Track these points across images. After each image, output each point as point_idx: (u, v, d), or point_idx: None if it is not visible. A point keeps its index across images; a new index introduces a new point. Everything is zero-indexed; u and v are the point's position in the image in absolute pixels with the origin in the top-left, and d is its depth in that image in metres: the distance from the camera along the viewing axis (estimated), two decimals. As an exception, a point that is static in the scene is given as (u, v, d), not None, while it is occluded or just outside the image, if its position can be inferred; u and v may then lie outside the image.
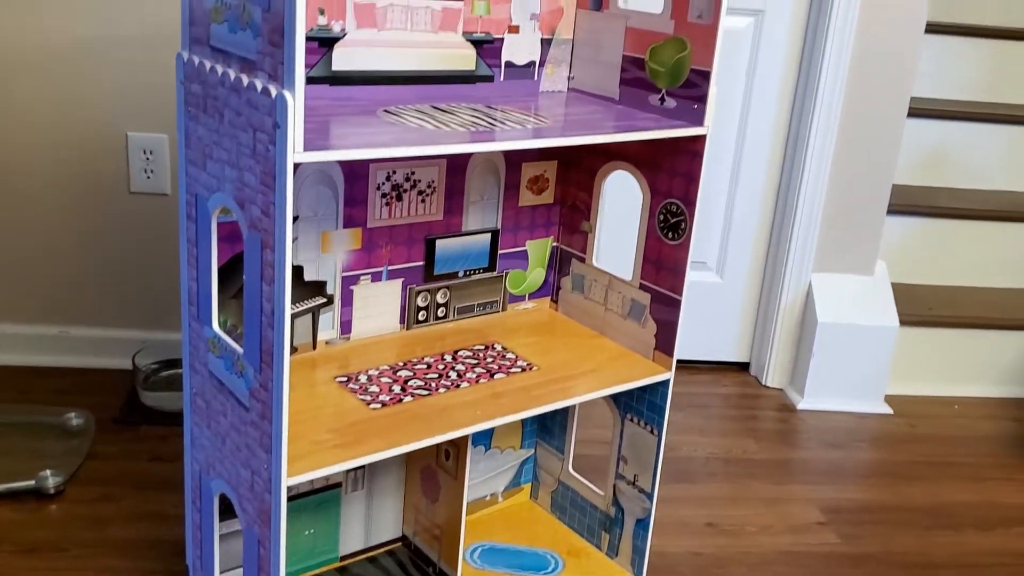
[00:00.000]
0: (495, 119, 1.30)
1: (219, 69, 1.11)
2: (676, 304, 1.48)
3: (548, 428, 1.79)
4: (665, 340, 1.51)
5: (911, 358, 2.48)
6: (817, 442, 2.22)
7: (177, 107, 1.22)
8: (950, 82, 2.97)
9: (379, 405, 1.31)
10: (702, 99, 1.37)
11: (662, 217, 1.49)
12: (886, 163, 2.35)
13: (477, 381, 1.41)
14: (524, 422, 1.79)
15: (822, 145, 2.29)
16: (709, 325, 2.52)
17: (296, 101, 0.99)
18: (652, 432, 1.56)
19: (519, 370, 1.46)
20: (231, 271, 1.33)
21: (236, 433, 1.21)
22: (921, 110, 2.77)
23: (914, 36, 2.23)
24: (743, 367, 2.59)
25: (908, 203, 2.64)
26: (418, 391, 1.36)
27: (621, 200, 1.93)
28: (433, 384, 1.39)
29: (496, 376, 1.43)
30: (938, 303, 2.55)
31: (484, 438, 1.75)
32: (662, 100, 1.43)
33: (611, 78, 1.52)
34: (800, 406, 2.39)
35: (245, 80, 1.05)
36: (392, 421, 1.27)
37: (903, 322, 2.42)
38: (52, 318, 2.24)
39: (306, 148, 1.01)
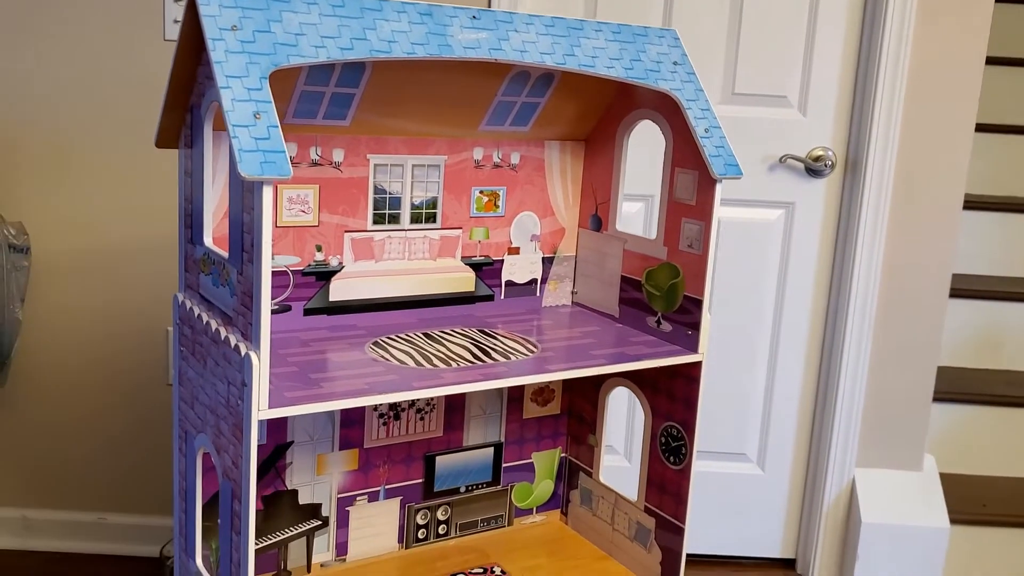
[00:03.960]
0: (485, 348, 1.31)
1: (204, 318, 1.15)
2: (680, 532, 1.43)
3: (561, 646, 1.72)
4: (670, 568, 1.45)
5: (968, 558, 2.32)
6: (864, 656, 2.07)
7: (173, 346, 1.27)
8: (1001, 259, 2.90)
9: (361, 642, 1.28)
10: (696, 326, 1.36)
11: (663, 440, 1.46)
12: (929, 349, 2.27)
13: (469, 613, 1.37)
14: (536, 639, 1.72)
15: (859, 332, 2.24)
16: (751, 519, 2.42)
17: (262, 362, 1.01)
18: (660, 664, 1.48)
19: (515, 599, 1.41)
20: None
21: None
22: (973, 291, 2.71)
23: (952, 211, 2.20)
24: (790, 563, 2.46)
25: (961, 390, 2.53)
26: (405, 625, 1.33)
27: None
28: (422, 616, 1.35)
29: (489, 607, 1.39)
30: (993, 499, 2.40)
31: (493, 657, 1.68)
32: (658, 323, 1.43)
33: (611, 296, 1.52)
34: (847, 611, 2.24)
35: (223, 333, 1.09)
36: (370, 664, 1.24)
37: (957, 520, 2.28)
38: (89, 504, 2.28)
39: (271, 405, 1.03)
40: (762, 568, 2.44)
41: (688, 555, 2.45)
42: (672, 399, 1.43)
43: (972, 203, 2.89)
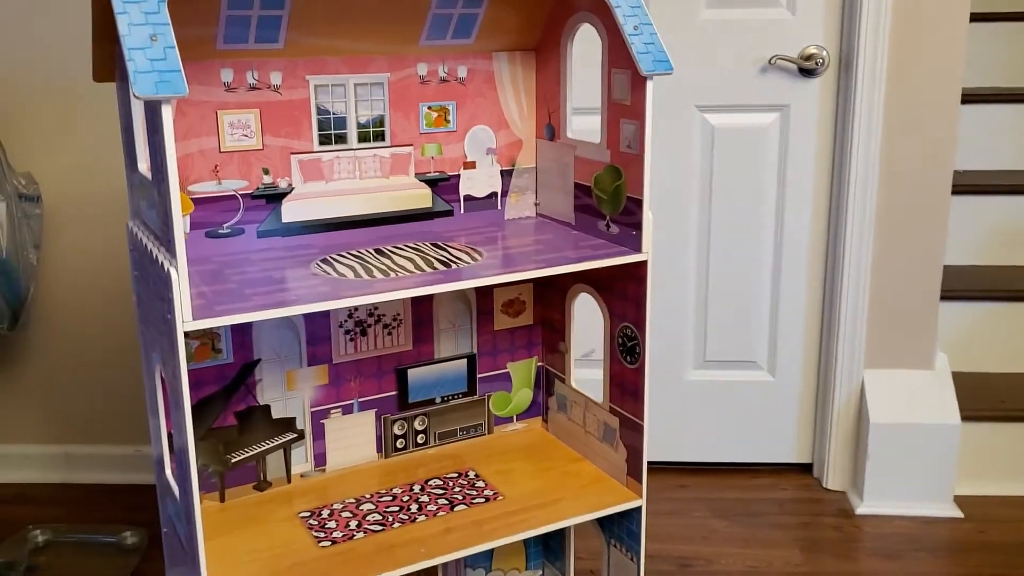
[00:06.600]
0: (430, 260, 1.35)
1: (144, 241, 1.21)
2: (639, 429, 1.45)
3: (552, 548, 1.77)
4: (634, 466, 1.48)
5: (985, 455, 2.29)
6: (870, 552, 2.08)
7: (131, 271, 1.34)
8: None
9: (329, 543, 1.35)
10: (638, 226, 1.37)
11: (621, 341, 1.48)
12: (933, 246, 2.22)
13: (436, 514, 1.43)
14: (527, 542, 1.78)
15: (860, 233, 2.20)
16: (766, 426, 2.42)
17: (180, 276, 1.07)
18: (632, 560, 1.52)
19: (483, 500, 1.47)
20: (200, 412, 1.42)
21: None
22: (1002, 186, 2.62)
23: (949, 106, 2.12)
24: (807, 468, 2.47)
25: (984, 287, 2.47)
26: (372, 527, 1.39)
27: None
28: (391, 518, 1.42)
29: (457, 508, 1.44)
30: (1012, 395, 2.35)
31: (484, 559, 1.75)
32: (607, 226, 1.44)
33: (568, 204, 1.54)
34: (859, 511, 2.24)
35: (155, 253, 1.15)
36: (333, 562, 1.30)
37: (973, 417, 2.25)
38: (126, 438, 2.42)
39: (195, 317, 1.09)
40: (779, 473, 2.46)
41: (703, 464, 2.48)
42: (625, 300, 1.45)
43: (1000, 96, 2.78)
